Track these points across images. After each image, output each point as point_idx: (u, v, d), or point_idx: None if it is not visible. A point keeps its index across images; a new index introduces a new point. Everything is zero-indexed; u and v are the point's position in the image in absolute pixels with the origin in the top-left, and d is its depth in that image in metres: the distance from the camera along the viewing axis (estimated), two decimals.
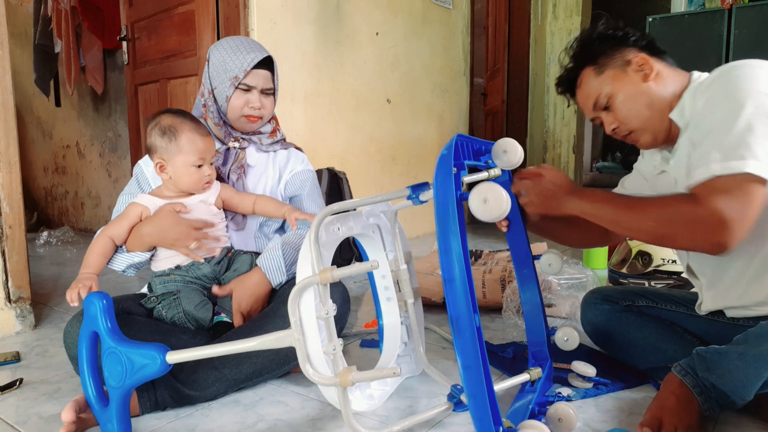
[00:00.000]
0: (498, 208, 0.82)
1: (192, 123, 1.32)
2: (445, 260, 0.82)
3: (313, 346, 0.94)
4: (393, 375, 0.87)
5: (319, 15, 2.77)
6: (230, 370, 1.24)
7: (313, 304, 0.93)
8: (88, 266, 1.28)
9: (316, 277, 0.92)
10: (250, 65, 1.40)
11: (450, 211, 0.82)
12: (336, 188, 2.49)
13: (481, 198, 0.81)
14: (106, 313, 1.06)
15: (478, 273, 1.96)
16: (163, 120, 1.31)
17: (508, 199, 0.82)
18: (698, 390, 1.06)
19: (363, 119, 3.14)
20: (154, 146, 1.31)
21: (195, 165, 1.31)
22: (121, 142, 3.71)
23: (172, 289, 1.32)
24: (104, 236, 1.31)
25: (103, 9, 3.52)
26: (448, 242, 0.81)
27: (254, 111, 1.44)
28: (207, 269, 1.35)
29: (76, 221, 4.23)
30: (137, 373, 1.03)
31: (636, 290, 1.44)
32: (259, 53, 1.42)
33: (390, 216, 1.27)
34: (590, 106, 1.21)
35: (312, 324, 0.93)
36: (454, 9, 3.75)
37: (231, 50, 1.42)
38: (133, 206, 1.34)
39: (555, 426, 1.06)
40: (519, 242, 1.25)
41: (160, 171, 1.33)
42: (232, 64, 1.41)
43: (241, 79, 1.40)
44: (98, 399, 1.08)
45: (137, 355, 1.03)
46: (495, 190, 0.81)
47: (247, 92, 1.43)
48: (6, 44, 1.71)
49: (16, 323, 1.76)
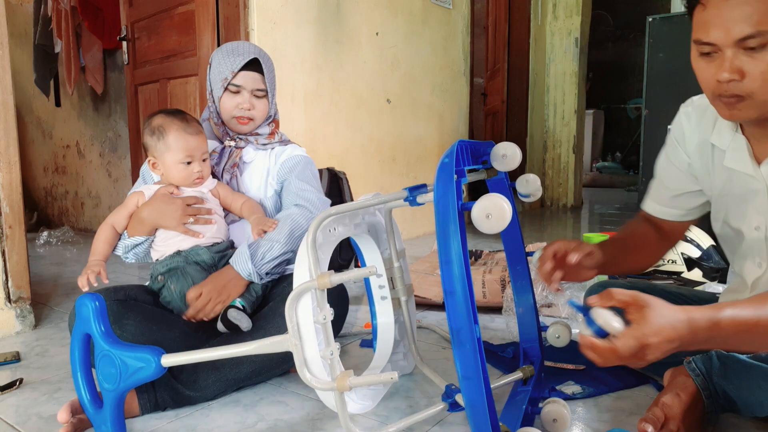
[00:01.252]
0: (500, 224, 0.81)
1: (181, 122, 1.37)
2: (446, 271, 0.81)
3: (310, 351, 0.94)
4: (390, 380, 0.88)
5: (319, 15, 2.77)
6: (230, 370, 1.24)
7: (310, 309, 0.93)
8: (95, 253, 1.35)
9: (314, 282, 0.92)
10: (237, 67, 1.42)
11: (451, 221, 0.81)
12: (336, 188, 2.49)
13: (484, 214, 0.80)
14: (99, 315, 1.04)
15: (478, 273, 1.96)
16: (154, 120, 1.38)
17: (510, 212, 0.82)
18: (707, 393, 1.03)
19: (363, 119, 3.14)
20: (146, 145, 1.39)
21: (183, 162, 1.36)
22: (121, 142, 3.71)
23: (176, 265, 1.35)
24: (107, 224, 1.38)
25: (103, 9, 3.52)
26: (449, 253, 0.80)
27: (244, 112, 1.45)
28: (206, 255, 1.36)
29: (76, 221, 4.23)
30: (132, 376, 1.01)
31: (642, 287, 1.35)
32: (246, 55, 1.44)
33: (385, 214, 1.27)
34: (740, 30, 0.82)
35: (309, 329, 0.93)
36: (454, 9, 3.75)
37: (225, 53, 1.45)
38: (131, 195, 1.41)
39: (550, 426, 1.06)
40: (513, 239, 1.24)
41: (152, 168, 1.40)
42: (223, 66, 1.43)
43: (229, 80, 1.42)
44: (92, 401, 1.06)
45: (131, 358, 1.01)
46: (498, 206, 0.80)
47: (237, 94, 1.44)
48: (6, 44, 1.71)
49: (16, 323, 1.76)
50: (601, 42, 7.89)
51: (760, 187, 1.02)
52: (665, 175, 1.21)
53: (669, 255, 1.99)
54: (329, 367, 0.94)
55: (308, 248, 0.95)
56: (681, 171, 1.17)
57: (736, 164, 1.04)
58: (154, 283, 1.37)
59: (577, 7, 4.96)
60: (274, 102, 1.52)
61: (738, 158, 1.03)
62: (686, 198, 1.19)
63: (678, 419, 1.01)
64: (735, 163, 1.04)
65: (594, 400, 1.22)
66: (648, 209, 1.25)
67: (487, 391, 0.82)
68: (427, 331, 1.72)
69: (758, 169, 1.01)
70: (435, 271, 2.08)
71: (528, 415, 1.06)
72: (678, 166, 1.17)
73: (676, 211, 1.21)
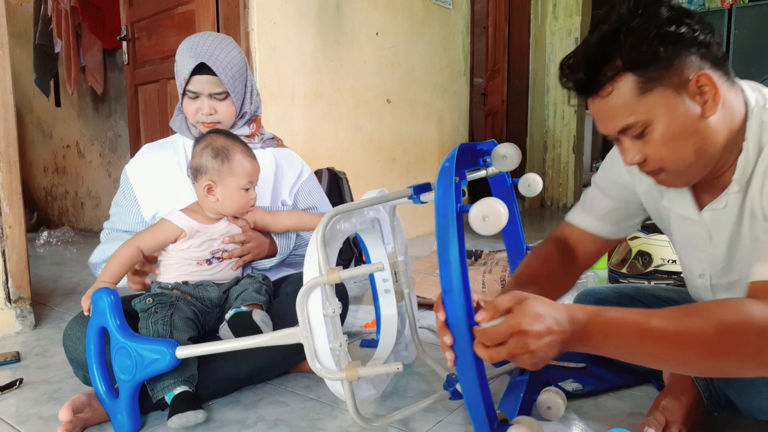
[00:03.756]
0: (496, 226, 0.84)
1: (242, 145, 1.29)
2: (444, 270, 0.84)
3: (320, 343, 0.98)
4: (396, 370, 0.94)
5: (319, 15, 2.77)
6: (230, 370, 1.24)
7: (320, 302, 0.97)
8: (107, 274, 1.22)
9: (324, 278, 0.95)
10: (187, 73, 1.35)
11: (450, 224, 0.84)
12: (336, 188, 2.49)
13: (481, 216, 0.83)
14: (114, 309, 1.07)
15: (477, 273, 1.96)
16: (216, 141, 1.27)
17: (506, 215, 0.84)
18: (707, 395, 1.03)
19: (363, 119, 3.14)
20: (204, 167, 1.26)
21: (244, 188, 1.27)
22: (121, 142, 3.71)
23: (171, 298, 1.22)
24: (133, 246, 1.24)
25: (103, 9, 3.52)
26: (447, 253, 0.83)
27: (206, 117, 1.37)
28: (215, 293, 1.29)
29: (76, 221, 4.23)
30: (147, 368, 1.05)
31: (630, 293, 1.31)
32: (194, 60, 1.33)
33: (389, 210, 1.30)
34: (614, 126, 0.88)
35: (319, 322, 0.97)
36: (454, 9, 3.75)
37: (181, 53, 1.36)
38: (171, 226, 1.26)
39: (544, 413, 1.10)
40: (514, 236, 1.28)
41: (207, 193, 1.27)
42: (180, 68, 1.37)
43: (184, 87, 1.37)
44: (108, 392, 1.10)
45: (147, 350, 1.05)
46: (493, 208, 0.82)
47: (196, 99, 1.37)
48: (6, 44, 1.71)
49: (16, 323, 1.76)
50: None
51: (701, 233, 0.97)
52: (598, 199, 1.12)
53: (669, 255, 1.99)
54: (338, 358, 0.98)
55: (318, 245, 0.98)
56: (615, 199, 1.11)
57: (676, 206, 1.00)
58: (141, 302, 1.20)
59: (577, 7, 4.95)
60: (249, 99, 1.45)
61: (679, 203, 0.99)
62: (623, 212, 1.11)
63: (679, 422, 1.01)
64: (675, 206, 1.00)
65: (594, 400, 1.22)
66: (579, 224, 1.15)
67: (482, 381, 0.85)
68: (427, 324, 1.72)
69: (700, 214, 0.96)
70: (435, 271, 2.08)
71: (525, 403, 1.09)
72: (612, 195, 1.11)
73: (612, 228, 1.13)
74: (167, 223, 1.27)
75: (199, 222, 1.29)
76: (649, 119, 0.84)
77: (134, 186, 1.44)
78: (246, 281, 1.32)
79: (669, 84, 0.82)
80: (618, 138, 0.90)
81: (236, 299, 1.28)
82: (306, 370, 1.37)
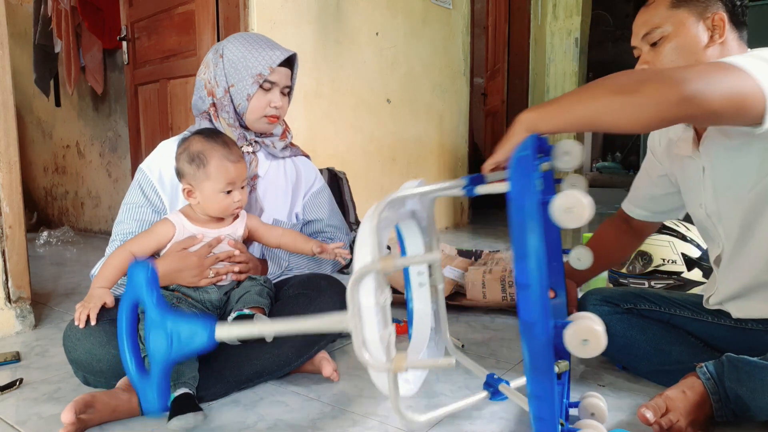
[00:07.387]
0: (581, 218, 0.81)
1: (223, 148, 1.26)
2: (521, 265, 0.80)
3: (369, 332, 0.93)
4: (448, 365, 0.88)
5: (319, 15, 2.77)
6: (231, 372, 1.24)
7: (372, 290, 0.93)
8: (102, 280, 1.23)
9: (377, 265, 0.91)
10: (276, 62, 1.35)
11: (529, 216, 0.80)
12: (336, 188, 2.49)
13: (563, 208, 0.81)
14: (152, 283, 1.01)
15: (477, 273, 1.96)
16: (193, 145, 1.26)
17: (591, 207, 0.81)
18: (716, 397, 1.02)
19: (363, 119, 3.14)
20: (182, 171, 1.27)
21: (224, 191, 1.26)
22: (121, 142, 3.71)
23: (172, 299, 1.24)
24: (126, 251, 1.25)
25: (103, 9, 3.52)
26: (525, 247, 0.80)
27: (275, 111, 1.39)
28: (215, 295, 1.29)
29: (76, 221, 4.23)
30: (184, 347, 0.99)
31: (636, 292, 1.38)
32: (283, 50, 1.38)
33: (427, 203, 1.23)
34: (644, 29, 1.11)
35: (370, 310, 0.93)
36: (454, 9, 3.75)
37: (251, 46, 1.36)
38: (164, 225, 1.28)
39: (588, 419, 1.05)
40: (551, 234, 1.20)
41: (187, 196, 1.28)
42: (254, 60, 1.35)
43: (266, 77, 1.36)
44: (137, 368, 1.04)
45: (185, 328, 0.99)
46: (577, 200, 0.80)
47: (269, 91, 1.38)
48: (6, 44, 1.70)
49: (16, 323, 1.76)
50: (601, 42, 7.89)
51: (698, 166, 1.16)
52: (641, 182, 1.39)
53: (669, 255, 1.99)
54: (386, 348, 0.94)
55: (371, 232, 0.94)
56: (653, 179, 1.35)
57: (681, 150, 1.20)
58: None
59: (577, 7, 4.96)
60: None
61: (683, 146, 1.19)
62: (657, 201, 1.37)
63: (679, 412, 1.00)
64: (680, 149, 1.20)
65: None
66: (624, 208, 1.44)
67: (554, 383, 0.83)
68: None
69: (697, 151, 1.15)
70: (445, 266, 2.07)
71: (567, 410, 1.06)
72: (652, 175, 1.35)
73: (645, 213, 1.40)
74: (160, 225, 1.28)
75: (193, 223, 1.30)
76: (667, 31, 1.07)
77: (156, 184, 1.39)
78: (247, 283, 1.32)
79: (694, 9, 1.06)
80: (639, 48, 1.13)
81: (237, 302, 1.27)
82: (307, 370, 1.37)
